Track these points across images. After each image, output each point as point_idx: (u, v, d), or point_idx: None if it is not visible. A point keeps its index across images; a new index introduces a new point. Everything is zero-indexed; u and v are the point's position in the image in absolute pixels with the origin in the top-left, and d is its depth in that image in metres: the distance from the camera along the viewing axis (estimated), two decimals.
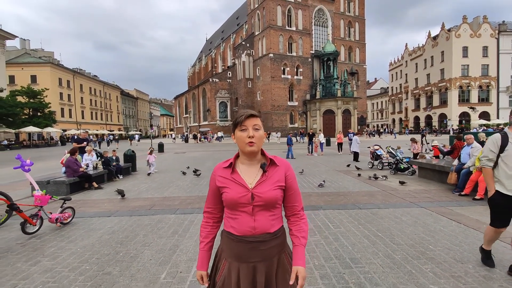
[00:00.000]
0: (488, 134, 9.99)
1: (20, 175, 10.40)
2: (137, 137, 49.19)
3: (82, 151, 9.48)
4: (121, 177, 9.86)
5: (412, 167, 9.28)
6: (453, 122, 49.67)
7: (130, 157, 11.21)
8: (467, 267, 3.02)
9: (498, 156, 2.87)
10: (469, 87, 50.93)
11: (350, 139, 16.90)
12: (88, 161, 9.35)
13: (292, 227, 1.40)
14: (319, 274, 2.93)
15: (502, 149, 2.84)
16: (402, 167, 9.41)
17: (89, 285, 2.80)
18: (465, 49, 50.31)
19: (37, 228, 4.33)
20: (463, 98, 51.44)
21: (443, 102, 53.54)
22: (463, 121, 49.99)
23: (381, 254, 3.36)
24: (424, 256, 3.28)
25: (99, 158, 9.89)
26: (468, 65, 50.56)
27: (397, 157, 9.68)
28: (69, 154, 8.11)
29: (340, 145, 17.88)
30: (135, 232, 4.30)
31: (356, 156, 13.43)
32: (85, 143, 9.95)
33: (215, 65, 73.13)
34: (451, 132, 41.45)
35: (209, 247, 1.44)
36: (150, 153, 10.92)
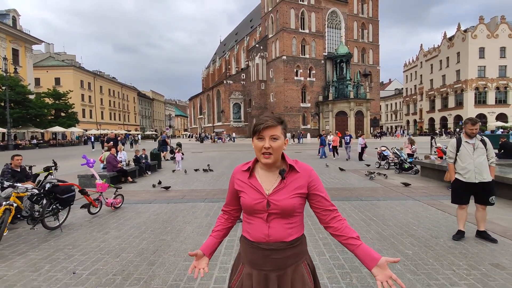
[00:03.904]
0: (494, 137, 10.75)
1: (65, 170, 11.72)
2: (139, 137, 49.74)
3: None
4: (149, 173, 11.01)
5: (416, 167, 10.00)
6: None
7: (156, 155, 12.38)
8: (439, 240, 3.88)
9: (456, 155, 3.91)
10: (486, 89, 50.22)
11: (347, 143, 15.42)
12: (120, 158, 10.55)
13: (338, 232, 1.27)
14: (322, 242, 3.85)
15: (457, 149, 3.90)
16: (406, 167, 10.14)
17: (152, 246, 3.83)
18: (481, 50, 49.70)
19: (98, 209, 5.44)
20: (480, 100, 50.79)
21: (459, 104, 52.98)
22: (480, 123, 49.23)
23: (373, 231, 4.25)
24: (407, 233, 4.15)
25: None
26: (484, 66, 49.92)
27: (401, 158, 10.42)
28: (107, 152, 9.29)
29: (335, 148, 16.01)
30: (175, 214, 5.34)
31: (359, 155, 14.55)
32: (111, 142, 11.23)
33: (229, 67, 74.61)
34: (444, 135, 41.72)
35: (217, 235, 1.43)
36: (178, 151, 12.05)
